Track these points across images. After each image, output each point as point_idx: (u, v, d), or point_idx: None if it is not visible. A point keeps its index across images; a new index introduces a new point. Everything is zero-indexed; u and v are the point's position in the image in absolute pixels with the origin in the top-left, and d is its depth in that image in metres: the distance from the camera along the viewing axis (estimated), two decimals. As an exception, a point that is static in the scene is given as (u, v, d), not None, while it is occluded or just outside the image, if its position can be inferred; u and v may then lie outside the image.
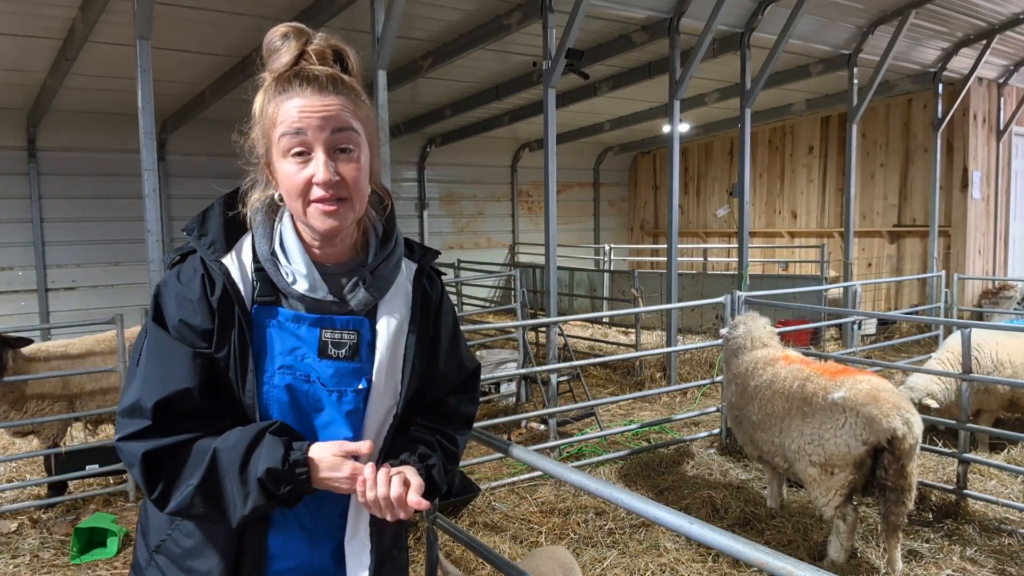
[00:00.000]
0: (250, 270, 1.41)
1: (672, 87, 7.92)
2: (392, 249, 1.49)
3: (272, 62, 1.37)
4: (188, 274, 1.40)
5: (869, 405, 3.72)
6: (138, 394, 1.32)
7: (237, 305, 1.37)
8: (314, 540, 1.48)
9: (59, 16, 6.75)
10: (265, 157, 1.40)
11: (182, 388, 1.32)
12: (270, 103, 1.36)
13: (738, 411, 4.55)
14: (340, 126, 1.34)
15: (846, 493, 3.81)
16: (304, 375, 1.40)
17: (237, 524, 1.32)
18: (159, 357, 1.35)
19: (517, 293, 7.49)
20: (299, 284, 1.40)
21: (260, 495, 1.28)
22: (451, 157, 14.95)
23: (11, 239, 10.46)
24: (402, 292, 1.51)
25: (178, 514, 1.34)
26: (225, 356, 1.36)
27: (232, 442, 1.31)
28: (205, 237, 1.41)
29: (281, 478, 1.29)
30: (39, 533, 4.62)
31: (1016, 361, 5.59)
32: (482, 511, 4.81)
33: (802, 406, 4.00)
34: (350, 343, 1.43)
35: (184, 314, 1.36)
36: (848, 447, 3.74)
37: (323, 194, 1.33)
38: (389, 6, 5.57)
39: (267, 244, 1.42)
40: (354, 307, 1.44)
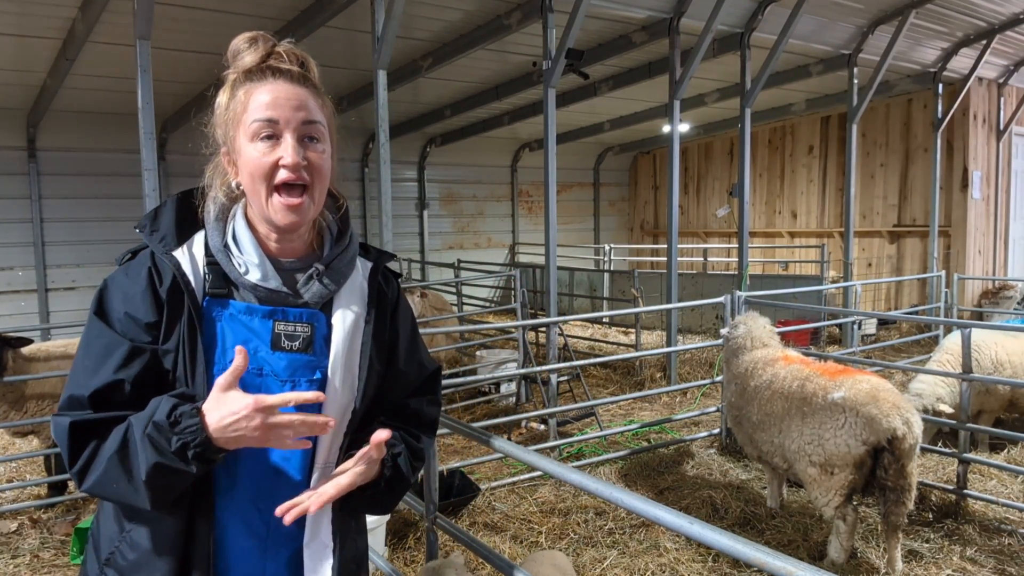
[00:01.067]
0: (201, 263, 1.41)
1: (672, 87, 7.92)
2: (346, 246, 1.51)
3: (239, 61, 1.42)
4: (136, 268, 1.39)
5: (869, 405, 3.72)
6: (74, 388, 1.31)
7: (187, 296, 1.36)
8: (265, 548, 1.43)
9: (59, 16, 6.75)
10: (229, 144, 1.41)
11: (115, 380, 1.30)
12: (240, 90, 1.39)
13: (738, 411, 4.55)
14: (310, 117, 1.38)
15: (846, 493, 3.81)
16: (257, 368, 1.38)
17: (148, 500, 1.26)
18: (96, 350, 1.34)
19: (517, 293, 7.49)
20: (251, 274, 1.40)
21: (152, 451, 1.22)
22: (451, 157, 14.96)
23: (11, 239, 10.46)
24: (357, 288, 1.51)
25: (97, 490, 1.30)
26: (174, 348, 1.34)
27: (142, 412, 1.29)
28: (156, 232, 1.42)
29: (168, 431, 1.23)
30: (39, 533, 4.62)
31: (1016, 361, 5.59)
32: (482, 511, 4.81)
33: (802, 406, 4.00)
34: (304, 335, 1.42)
35: (129, 307, 1.35)
36: (848, 447, 3.74)
37: (289, 176, 1.35)
38: (389, 6, 5.57)
39: (219, 237, 1.42)
40: (308, 299, 1.43)
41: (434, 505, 2.71)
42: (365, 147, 13.85)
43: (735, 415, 4.60)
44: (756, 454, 4.57)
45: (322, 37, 7.47)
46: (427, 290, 8.69)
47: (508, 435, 6.38)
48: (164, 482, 1.26)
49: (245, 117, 1.36)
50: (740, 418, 4.54)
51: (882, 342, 9.71)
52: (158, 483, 1.26)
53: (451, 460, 5.51)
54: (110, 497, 1.32)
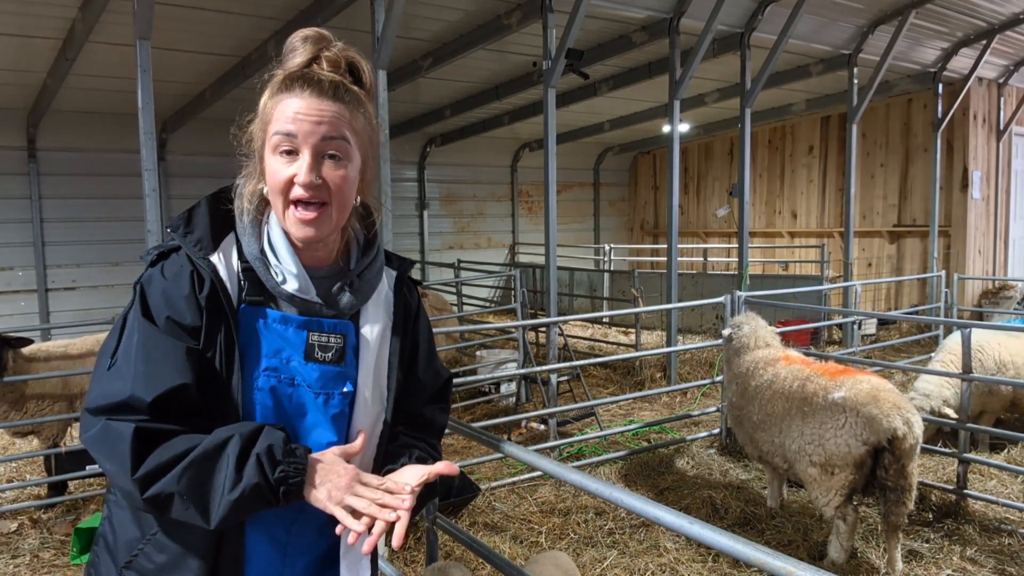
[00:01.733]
0: (237, 269, 1.38)
1: (672, 87, 7.92)
2: (374, 256, 1.50)
3: (287, 61, 1.38)
4: (174, 270, 1.35)
5: (869, 405, 3.72)
6: (130, 390, 1.25)
7: (225, 303, 1.34)
8: (285, 555, 1.44)
9: (59, 16, 6.75)
10: (259, 151, 1.39)
11: (179, 384, 1.27)
12: (271, 99, 1.36)
13: (739, 411, 4.55)
14: (331, 134, 1.34)
15: (846, 493, 3.81)
16: (289, 378, 1.38)
17: (219, 519, 1.24)
18: (151, 353, 1.28)
19: (517, 293, 7.49)
20: (289, 284, 1.38)
21: (255, 473, 1.22)
22: (451, 157, 14.95)
23: (11, 239, 10.46)
24: (383, 299, 1.52)
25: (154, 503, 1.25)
26: (212, 355, 1.33)
27: (232, 429, 1.27)
28: (191, 235, 1.38)
29: (279, 459, 1.24)
30: (39, 533, 4.63)
31: (1019, 362, 5.59)
32: (482, 511, 4.81)
33: (802, 406, 4.00)
34: (336, 347, 1.42)
35: (172, 311, 1.32)
36: (848, 447, 3.74)
37: (303, 194, 1.33)
38: (389, 6, 5.57)
39: (256, 243, 1.40)
40: (342, 309, 1.43)
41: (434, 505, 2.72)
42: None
43: (736, 415, 4.60)
44: (757, 454, 4.57)
45: (322, 37, 7.46)
46: (427, 290, 8.69)
47: (508, 435, 6.38)
48: (248, 506, 1.25)
49: (270, 128, 1.35)
50: (741, 418, 4.54)
51: (882, 342, 9.71)
52: (242, 505, 1.24)
53: (451, 460, 5.49)
54: (172, 511, 1.26)
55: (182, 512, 1.25)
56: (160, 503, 1.25)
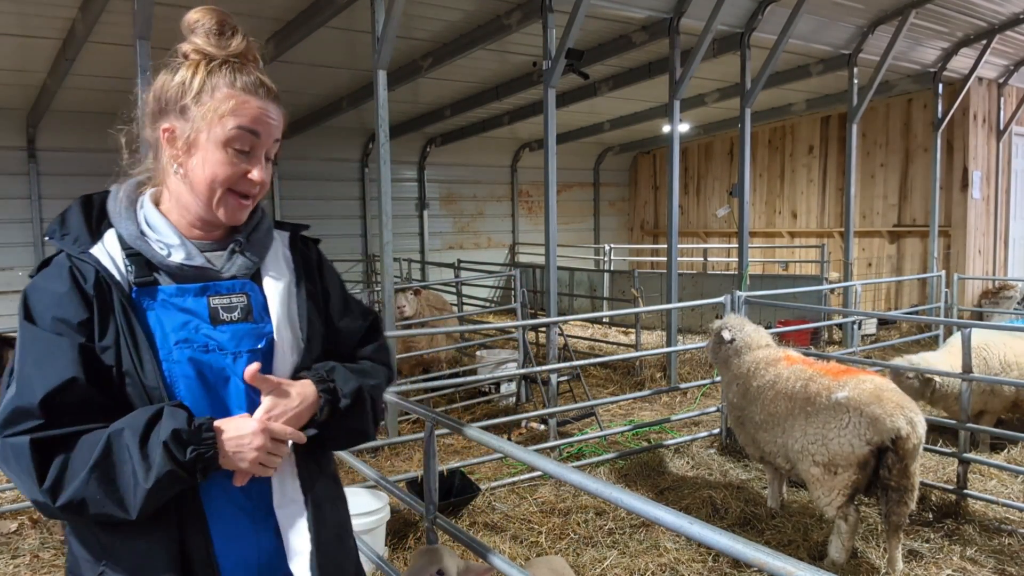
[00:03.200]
0: (120, 256, 1.39)
1: (672, 87, 7.92)
2: (260, 219, 1.55)
3: (209, 44, 1.42)
4: (56, 270, 1.36)
5: (873, 404, 3.71)
6: (19, 399, 1.24)
7: (115, 289, 1.34)
8: (254, 519, 1.43)
9: (59, 16, 6.75)
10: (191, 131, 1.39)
11: (68, 378, 1.25)
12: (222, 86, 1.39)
13: (740, 412, 4.54)
14: (278, 137, 1.47)
15: (849, 493, 3.80)
16: (202, 345, 1.38)
17: (139, 509, 1.23)
18: (36, 354, 1.27)
19: (517, 293, 7.49)
20: (175, 255, 1.41)
21: (165, 460, 1.22)
22: (451, 157, 14.96)
23: (11, 239, 10.47)
24: (281, 256, 1.56)
25: (70, 510, 1.24)
26: (113, 344, 1.31)
27: (129, 419, 1.26)
28: (68, 235, 1.40)
29: (187, 440, 1.24)
30: (39, 533, 4.62)
31: (1023, 363, 5.59)
32: (482, 511, 4.81)
33: (805, 406, 3.99)
34: (241, 306, 1.44)
35: (57, 310, 1.30)
36: (852, 447, 3.73)
37: (250, 190, 1.43)
38: (389, 6, 5.57)
39: (134, 226, 1.42)
40: (235, 273, 1.46)
41: (434, 505, 2.72)
42: (365, 147, 13.87)
43: (737, 415, 4.59)
44: (758, 455, 4.57)
45: (322, 37, 7.47)
46: (425, 289, 8.68)
47: (508, 435, 6.38)
48: (165, 491, 1.25)
49: (226, 121, 1.37)
50: (743, 419, 4.53)
51: (882, 342, 9.71)
52: (159, 492, 1.24)
53: (451, 460, 5.50)
54: (87, 511, 1.24)
55: (100, 511, 1.24)
56: (74, 509, 1.24)
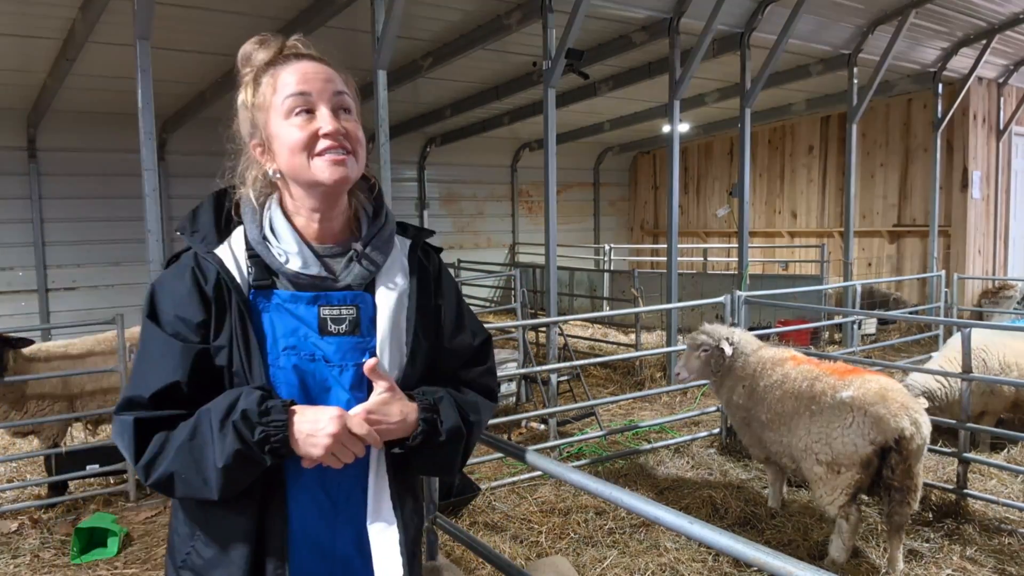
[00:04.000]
0: (243, 258, 1.42)
1: (672, 87, 7.92)
2: (383, 224, 1.52)
3: (254, 59, 1.45)
4: (180, 270, 1.42)
5: (877, 404, 3.71)
6: (133, 389, 1.35)
7: (233, 291, 1.38)
8: (335, 527, 1.45)
9: (59, 16, 6.75)
10: (259, 134, 1.43)
11: (172, 381, 1.33)
12: (263, 78, 1.41)
13: (746, 412, 4.52)
14: (340, 88, 1.42)
15: (851, 493, 3.80)
16: (309, 354, 1.41)
17: (219, 490, 1.29)
18: (152, 353, 1.37)
19: (517, 293, 7.49)
20: (292, 263, 1.42)
21: (234, 439, 1.27)
22: (451, 157, 14.95)
23: (11, 239, 10.46)
24: (398, 265, 1.52)
25: (160, 487, 1.33)
26: (227, 344, 1.37)
27: (216, 402, 1.33)
28: (197, 233, 1.45)
29: (255, 421, 1.28)
30: (39, 533, 4.62)
31: (1023, 363, 5.58)
32: (482, 511, 4.81)
33: (810, 404, 3.98)
34: (349, 318, 1.43)
35: (178, 309, 1.38)
36: (855, 446, 3.73)
37: (330, 143, 1.37)
38: (389, 6, 5.57)
39: (257, 230, 1.44)
40: (351, 282, 1.44)
41: (434, 505, 2.72)
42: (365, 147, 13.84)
43: (743, 417, 4.56)
44: (763, 456, 4.55)
45: (322, 37, 7.45)
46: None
47: (508, 435, 6.38)
48: (239, 471, 1.30)
49: (275, 99, 1.39)
50: (749, 419, 4.51)
51: (882, 342, 9.71)
52: (233, 472, 1.29)
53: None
54: (176, 489, 1.33)
55: (186, 490, 1.32)
56: (163, 484, 1.33)
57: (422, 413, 1.43)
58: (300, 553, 1.42)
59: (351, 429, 1.34)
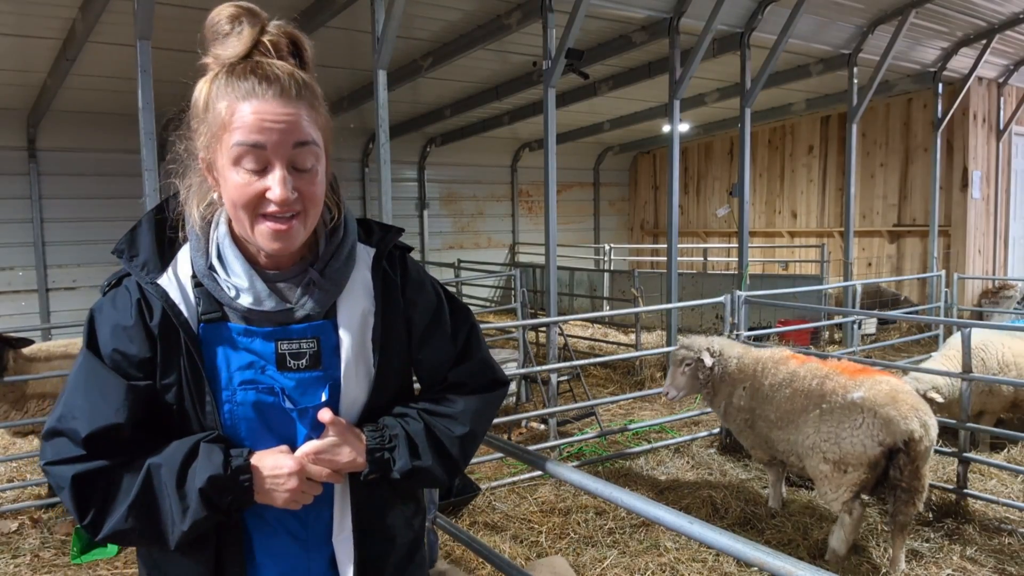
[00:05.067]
0: (190, 287, 1.30)
1: (672, 87, 7.92)
2: (341, 240, 1.37)
3: (220, 47, 1.23)
4: (123, 300, 1.29)
5: (888, 406, 3.73)
6: (65, 422, 1.24)
7: (181, 328, 1.27)
8: (308, 548, 1.40)
9: (59, 16, 6.75)
10: (209, 156, 1.26)
11: (112, 423, 1.23)
12: (221, 99, 1.21)
13: (750, 414, 4.50)
14: (302, 139, 1.22)
15: (856, 491, 3.82)
16: (268, 387, 1.31)
17: (176, 543, 1.24)
18: (91, 387, 1.26)
19: (517, 293, 7.49)
20: (243, 299, 1.28)
21: (200, 507, 1.21)
22: (451, 157, 14.95)
23: (11, 239, 10.45)
24: (360, 285, 1.38)
25: (113, 539, 1.26)
26: (175, 382, 1.28)
27: (167, 455, 1.24)
28: (137, 258, 1.31)
29: (224, 486, 1.22)
30: (40, 533, 4.62)
31: (1022, 363, 5.58)
32: (482, 511, 4.81)
33: (820, 403, 3.99)
34: (310, 352, 1.32)
35: (119, 343, 1.27)
36: (864, 447, 3.74)
37: (277, 211, 1.21)
38: (389, 6, 5.57)
39: (203, 259, 1.30)
40: (309, 312, 1.32)
41: (434, 505, 2.72)
42: (365, 147, 13.85)
43: (745, 419, 4.54)
44: (767, 457, 4.55)
45: (322, 37, 7.46)
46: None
47: (508, 435, 6.38)
48: (202, 528, 1.25)
49: (226, 137, 1.20)
50: (753, 420, 4.49)
51: (882, 342, 9.71)
52: (197, 531, 1.24)
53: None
54: (129, 541, 1.28)
55: (139, 541, 1.29)
56: (118, 538, 1.26)
57: (372, 454, 1.34)
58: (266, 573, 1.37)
59: (309, 475, 1.30)
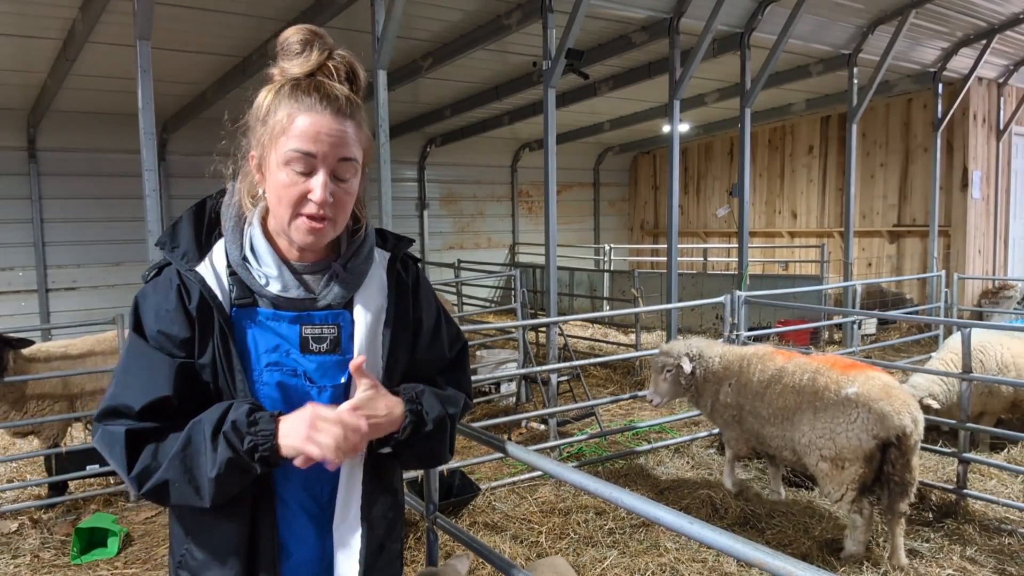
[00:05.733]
0: (224, 275, 1.45)
1: (672, 87, 7.92)
2: (362, 242, 1.54)
3: (289, 63, 1.41)
4: (164, 286, 1.44)
5: (882, 401, 3.82)
6: (120, 399, 1.36)
7: (216, 310, 1.41)
8: (323, 526, 1.50)
9: (59, 16, 6.75)
10: (261, 154, 1.42)
11: (162, 396, 1.36)
12: (283, 106, 1.37)
13: (737, 409, 4.55)
14: (346, 155, 1.39)
15: (858, 487, 3.91)
16: (291, 370, 1.45)
17: (210, 497, 1.33)
18: (140, 365, 1.39)
19: (517, 293, 7.48)
20: (272, 286, 1.44)
21: (225, 448, 1.31)
22: (451, 157, 14.95)
23: (11, 239, 10.46)
24: (376, 282, 1.55)
25: (156, 493, 1.35)
26: (210, 362, 1.41)
27: (207, 413, 1.36)
28: (177, 249, 1.46)
29: (244, 431, 1.32)
30: (40, 533, 4.63)
31: (1020, 363, 5.58)
32: (482, 511, 4.81)
33: (814, 400, 4.05)
34: (331, 337, 1.47)
35: (162, 325, 1.40)
36: (859, 441, 3.84)
37: (315, 211, 1.38)
38: (389, 6, 5.57)
39: (237, 250, 1.46)
40: (331, 302, 1.48)
41: (434, 505, 2.72)
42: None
43: (732, 415, 4.60)
44: (749, 451, 4.66)
45: (322, 37, 7.46)
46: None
47: (508, 435, 6.38)
48: (230, 480, 1.34)
49: (283, 140, 1.37)
50: (741, 416, 4.54)
51: (882, 342, 9.71)
52: (225, 481, 1.33)
53: (451, 460, 5.50)
54: (169, 498, 1.36)
55: (179, 498, 1.36)
56: (158, 494, 1.36)
57: (408, 405, 1.47)
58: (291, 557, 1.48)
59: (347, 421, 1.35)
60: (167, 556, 1.59)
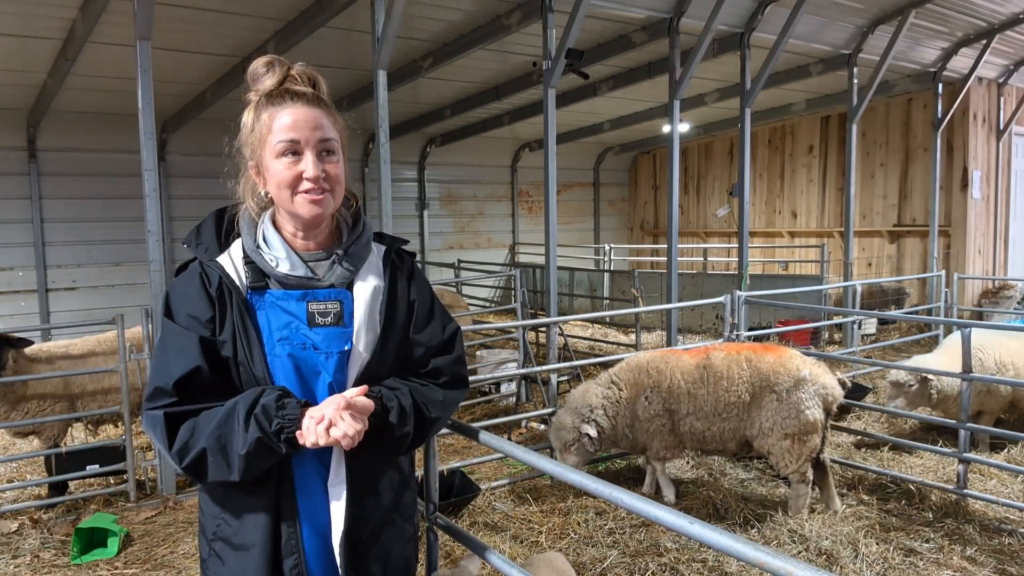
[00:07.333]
0: (241, 264, 1.69)
1: (672, 87, 7.92)
2: (361, 232, 1.78)
3: (259, 84, 1.67)
4: (189, 276, 1.70)
5: (825, 376, 4.52)
6: (158, 379, 1.60)
7: (233, 292, 1.65)
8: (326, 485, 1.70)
9: (59, 16, 6.75)
10: (257, 160, 1.68)
11: (194, 367, 1.59)
12: (264, 113, 1.64)
13: (667, 418, 4.68)
14: (325, 135, 1.65)
15: (812, 455, 4.48)
16: (300, 343, 1.66)
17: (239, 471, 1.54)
18: (173, 345, 1.63)
19: (517, 293, 7.48)
20: (281, 266, 1.68)
21: (255, 428, 1.52)
22: (451, 157, 14.96)
23: (11, 239, 10.46)
24: (374, 267, 1.79)
25: (192, 470, 1.57)
26: (230, 337, 1.63)
27: (243, 396, 1.58)
28: (201, 244, 1.73)
29: (273, 414, 1.53)
30: (40, 533, 4.62)
31: (1019, 363, 5.58)
32: (482, 511, 4.81)
33: (771, 386, 4.47)
34: (334, 311, 1.69)
35: (189, 308, 1.65)
36: (816, 414, 4.43)
37: (311, 186, 1.62)
38: (389, 6, 5.57)
39: (252, 241, 1.71)
40: (333, 281, 1.71)
41: (434, 505, 2.72)
42: (365, 147, 13.87)
43: (663, 423, 4.68)
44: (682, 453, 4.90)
45: (322, 37, 7.47)
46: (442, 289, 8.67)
47: (508, 435, 6.38)
48: (258, 458, 1.55)
49: (270, 138, 1.63)
50: (673, 423, 4.69)
51: (882, 342, 9.71)
52: (253, 458, 1.54)
53: (451, 460, 5.51)
54: (205, 472, 1.57)
55: (214, 472, 1.57)
56: (196, 468, 1.58)
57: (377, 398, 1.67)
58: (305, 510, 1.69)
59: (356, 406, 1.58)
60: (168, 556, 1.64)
